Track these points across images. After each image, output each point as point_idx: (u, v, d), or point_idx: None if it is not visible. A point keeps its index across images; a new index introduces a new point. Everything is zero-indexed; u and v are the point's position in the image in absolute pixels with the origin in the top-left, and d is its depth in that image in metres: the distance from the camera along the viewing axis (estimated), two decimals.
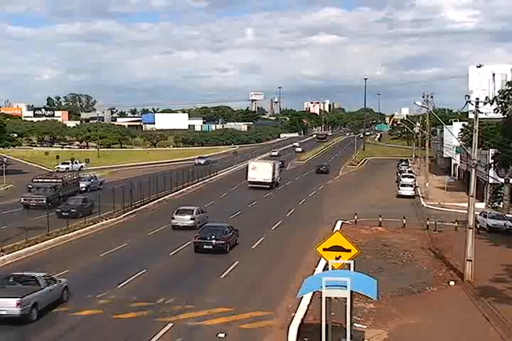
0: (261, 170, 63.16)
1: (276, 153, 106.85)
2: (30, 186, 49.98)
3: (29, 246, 32.50)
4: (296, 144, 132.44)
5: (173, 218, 39.79)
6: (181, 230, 38.43)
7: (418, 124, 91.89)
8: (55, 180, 49.50)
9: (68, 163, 79.90)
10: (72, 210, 41.25)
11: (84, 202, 43.54)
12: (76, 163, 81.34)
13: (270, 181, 63.15)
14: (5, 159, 78.31)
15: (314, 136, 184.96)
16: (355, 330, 19.34)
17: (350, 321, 17.21)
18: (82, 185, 56.11)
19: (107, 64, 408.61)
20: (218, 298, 23.91)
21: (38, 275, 22.73)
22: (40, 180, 50.40)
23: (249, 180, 63.58)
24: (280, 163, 74.94)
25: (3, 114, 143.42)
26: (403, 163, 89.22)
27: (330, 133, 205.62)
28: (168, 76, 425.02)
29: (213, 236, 32.37)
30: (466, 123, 70.21)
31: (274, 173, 64.23)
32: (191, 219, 39.44)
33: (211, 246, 32.21)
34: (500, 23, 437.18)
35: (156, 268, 29.00)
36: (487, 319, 22.20)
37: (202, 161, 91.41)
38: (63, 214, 40.51)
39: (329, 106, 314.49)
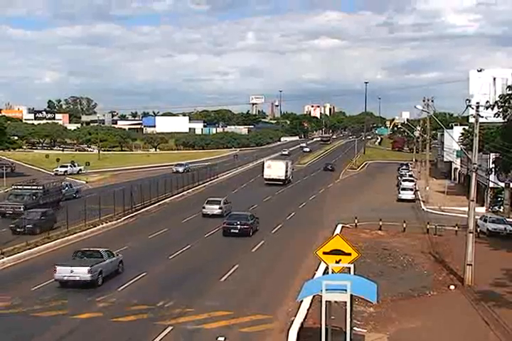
0: (275, 168, 69.78)
1: (286, 152, 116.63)
2: (9, 193, 47.76)
3: (29, 248, 32.50)
4: (304, 145, 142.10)
5: (203, 207, 46.12)
6: (178, 234, 38.42)
7: (418, 128, 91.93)
8: (35, 188, 46.30)
9: (67, 166, 79.70)
10: (28, 226, 36.37)
11: (43, 216, 38.20)
12: (75, 165, 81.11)
13: (283, 178, 69.61)
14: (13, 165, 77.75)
15: (315, 139, 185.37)
16: (355, 334, 19.33)
17: (350, 325, 17.20)
18: None
19: (108, 67, 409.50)
20: (218, 302, 23.89)
21: (101, 250, 28.09)
22: (19, 187, 47.37)
23: (264, 177, 70.16)
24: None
25: (4, 117, 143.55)
26: (404, 167, 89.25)
27: (335, 137, 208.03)
28: (169, 79, 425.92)
29: (239, 222, 38.30)
30: (466, 127, 70.36)
31: (286, 171, 70.60)
32: (219, 208, 45.85)
33: (237, 230, 38.00)
34: (501, 27, 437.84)
35: (156, 271, 28.99)
36: (487, 323, 22.19)
37: (180, 169, 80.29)
38: (18, 230, 36.21)
39: (330, 109, 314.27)
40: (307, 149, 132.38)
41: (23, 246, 32.71)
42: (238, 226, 38.18)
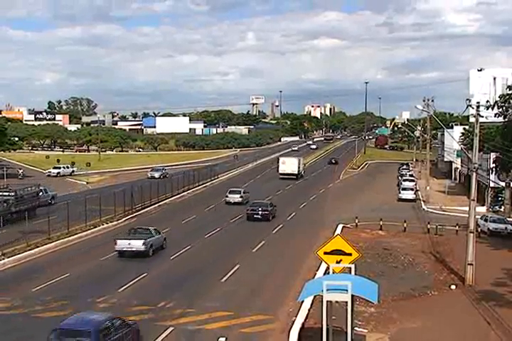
0: (289, 164, 77.50)
1: (296, 148, 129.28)
2: None
3: (30, 249, 32.51)
4: (310, 142, 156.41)
5: (226, 196, 54.05)
6: (178, 234, 38.46)
7: (419, 128, 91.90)
8: (6, 194, 42.36)
9: (60, 168, 78.85)
10: None
11: None
12: (67, 167, 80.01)
13: (296, 173, 77.34)
14: (21, 171, 73.98)
15: (315, 139, 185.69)
16: (356, 334, 19.32)
17: (351, 325, 17.19)
18: None
19: (108, 68, 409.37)
20: (219, 302, 23.89)
21: (151, 228, 34.43)
22: None
23: (279, 172, 77.43)
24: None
25: (4, 118, 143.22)
26: (404, 167, 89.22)
27: (339, 137, 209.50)
28: (169, 80, 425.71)
29: (260, 209, 45.13)
30: (466, 127, 70.34)
31: (299, 167, 78.57)
32: (240, 197, 53.75)
33: (259, 216, 44.69)
34: (501, 26, 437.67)
35: (157, 272, 29.00)
36: (488, 323, 22.19)
37: (156, 174, 73.81)
38: None
39: (330, 109, 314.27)
40: (314, 146, 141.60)
41: (23, 247, 32.71)
42: (260, 212, 44.93)
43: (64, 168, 79.52)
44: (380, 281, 23.09)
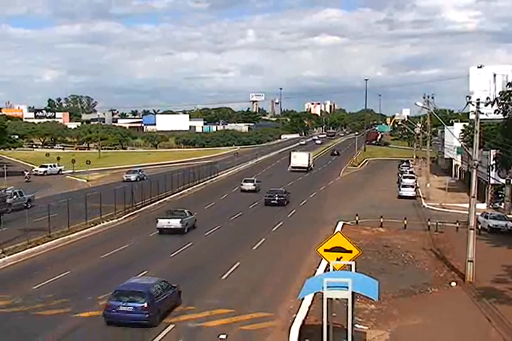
0: (300, 159, 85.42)
1: (304, 142, 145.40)
2: None
3: (30, 247, 32.52)
4: (316, 138, 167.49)
5: (242, 185, 61.94)
6: (174, 236, 38.67)
7: (419, 125, 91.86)
8: None
9: (47, 166, 77.54)
10: None
11: None
12: (54, 165, 78.59)
13: (306, 166, 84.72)
14: (26, 173, 70.42)
15: (315, 136, 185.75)
16: (357, 331, 19.34)
17: (352, 322, 17.20)
18: None
19: (108, 65, 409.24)
20: (219, 300, 23.90)
21: (185, 209, 40.59)
22: None
23: (291, 165, 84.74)
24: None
25: (4, 116, 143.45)
26: (404, 164, 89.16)
27: (342, 134, 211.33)
28: (169, 77, 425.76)
29: (276, 195, 52.15)
30: (467, 123, 70.26)
31: (309, 160, 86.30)
32: (253, 185, 61.89)
33: (276, 201, 51.36)
34: (501, 23, 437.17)
35: (157, 269, 28.94)
36: (488, 320, 22.19)
37: (132, 177, 67.76)
38: None
39: (330, 107, 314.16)
40: (319, 142, 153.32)
41: (24, 244, 32.71)
42: (276, 198, 51.72)
43: (51, 166, 78.07)
44: (381, 278, 23.11)
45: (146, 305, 20.34)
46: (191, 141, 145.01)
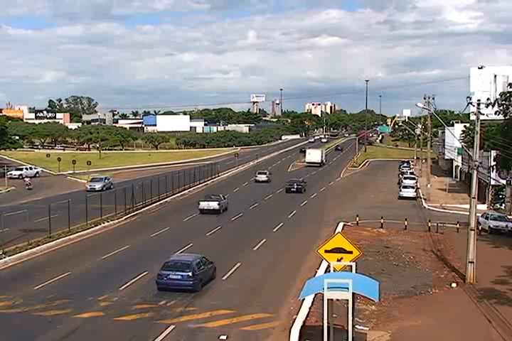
0: (313, 155, 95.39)
1: (313, 140, 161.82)
2: None
3: (31, 248, 32.51)
4: (322, 136, 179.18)
5: (256, 176, 71.46)
6: (180, 233, 38.49)
7: (419, 126, 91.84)
8: None
9: (22, 169, 74.28)
10: None
11: None
12: (31, 168, 75.82)
13: (320, 161, 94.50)
14: (27, 180, 66.12)
15: (315, 137, 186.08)
16: (357, 332, 19.35)
17: (352, 323, 17.21)
18: None
19: (109, 66, 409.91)
20: (220, 300, 23.90)
21: (221, 195, 49.95)
22: None
23: (306, 161, 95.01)
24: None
25: (5, 116, 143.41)
26: (405, 165, 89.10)
27: (347, 135, 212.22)
28: (169, 78, 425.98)
29: (295, 184, 61.83)
30: (467, 124, 70.26)
31: (322, 156, 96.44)
32: (266, 177, 71.38)
33: (295, 189, 60.91)
34: (502, 24, 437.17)
35: (157, 270, 28.93)
36: (489, 321, 22.19)
37: (97, 186, 59.51)
38: None
39: (331, 107, 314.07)
40: (324, 140, 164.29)
41: (24, 245, 32.72)
42: (295, 186, 61.09)
43: (27, 169, 75.25)
44: (381, 279, 23.15)
45: (190, 273, 24.82)
46: (192, 141, 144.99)
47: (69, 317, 21.72)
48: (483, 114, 29.66)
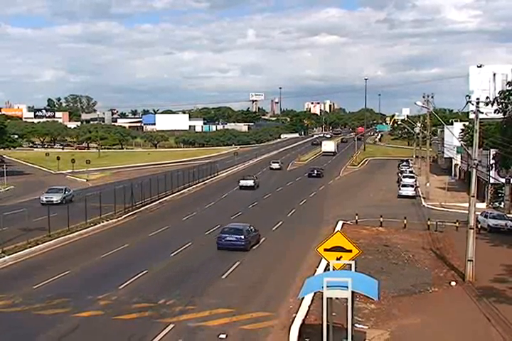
0: (328, 146, 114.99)
1: (322, 135, 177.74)
2: None
3: (30, 247, 32.49)
4: (326, 132, 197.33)
5: (270, 164, 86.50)
6: (179, 231, 38.44)
7: (419, 124, 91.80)
8: None
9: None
10: None
11: None
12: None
13: (334, 151, 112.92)
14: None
15: (315, 135, 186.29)
16: (357, 331, 19.36)
17: (352, 321, 17.22)
18: None
19: (108, 65, 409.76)
20: (219, 299, 23.90)
21: (254, 175, 67.89)
22: None
23: (322, 150, 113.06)
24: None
25: (4, 115, 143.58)
26: (404, 163, 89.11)
27: (352, 134, 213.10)
28: (168, 77, 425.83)
29: (315, 170, 76.96)
30: (466, 123, 70.28)
31: (335, 147, 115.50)
32: (279, 165, 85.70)
33: (315, 174, 75.23)
34: (501, 23, 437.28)
35: (157, 269, 28.98)
36: (488, 319, 22.20)
37: (55, 198, 49.74)
38: None
39: (330, 106, 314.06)
40: (328, 136, 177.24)
41: (24, 244, 32.69)
42: (316, 172, 75.96)
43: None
44: (380, 278, 23.15)
45: (243, 236, 32.40)
46: (191, 140, 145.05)
47: (68, 316, 21.70)
48: (483, 113, 29.63)
